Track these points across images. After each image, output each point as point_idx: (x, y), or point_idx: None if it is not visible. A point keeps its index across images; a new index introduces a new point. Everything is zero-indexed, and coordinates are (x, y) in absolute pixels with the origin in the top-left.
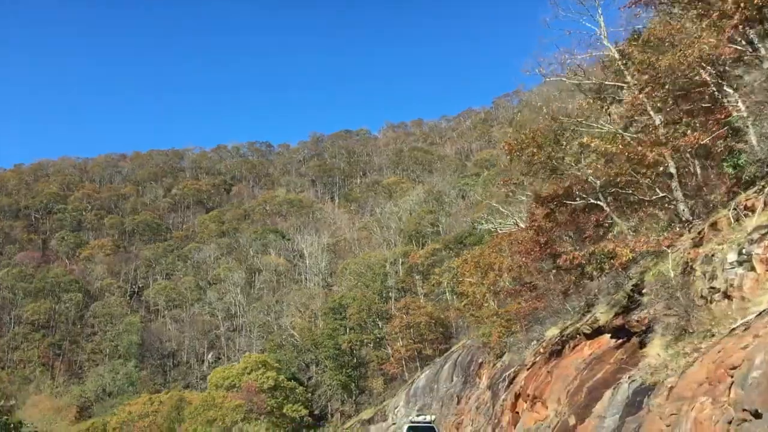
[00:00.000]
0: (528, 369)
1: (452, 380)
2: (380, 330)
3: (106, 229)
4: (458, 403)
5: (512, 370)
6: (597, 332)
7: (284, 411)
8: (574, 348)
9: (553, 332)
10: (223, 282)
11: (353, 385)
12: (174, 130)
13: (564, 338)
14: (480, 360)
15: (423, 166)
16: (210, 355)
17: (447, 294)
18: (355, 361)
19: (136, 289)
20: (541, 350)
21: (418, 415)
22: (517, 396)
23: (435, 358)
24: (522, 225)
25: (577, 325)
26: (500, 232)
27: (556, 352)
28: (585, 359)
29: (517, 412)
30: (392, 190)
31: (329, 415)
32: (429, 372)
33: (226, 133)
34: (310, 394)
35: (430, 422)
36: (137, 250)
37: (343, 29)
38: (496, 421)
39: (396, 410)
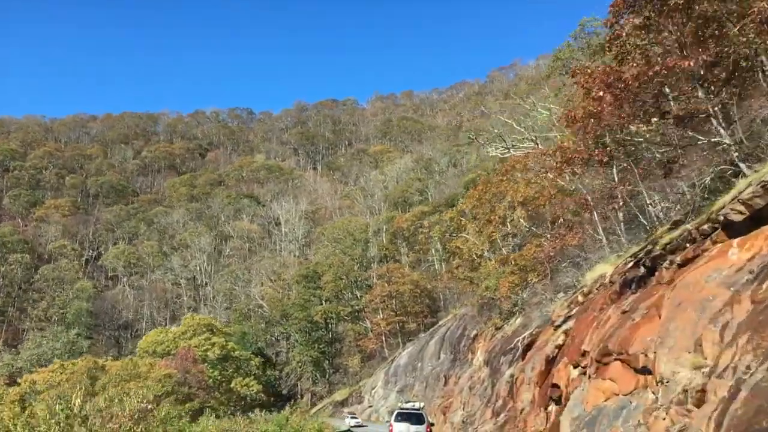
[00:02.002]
0: (558, 326)
1: (439, 357)
2: (359, 301)
3: (66, 189)
4: (445, 383)
5: (528, 333)
6: (753, 220)
7: (232, 386)
8: (689, 261)
9: (602, 270)
10: (190, 248)
11: (327, 362)
12: (153, 95)
13: (655, 256)
14: (474, 332)
15: (412, 135)
16: (172, 327)
17: (435, 263)
18: (329, 335)
19: (94, 254)
20: (580, 298)
21: (406, 402)
22: (550, 361)
23: (419, 333)
24: (540, 146)
25: (688, 226)
26: (514, 154)
27: (636, 281)
28: (741, 267)
29: (556, 386)
30: (378, 159)
31: (299, 396)
32: (412, 348)
33: (207, 101)
34: (278, 372)
35: (419, 409)
36: (99, 212)
37: None
38: (500, 402)
39: (373, 391)
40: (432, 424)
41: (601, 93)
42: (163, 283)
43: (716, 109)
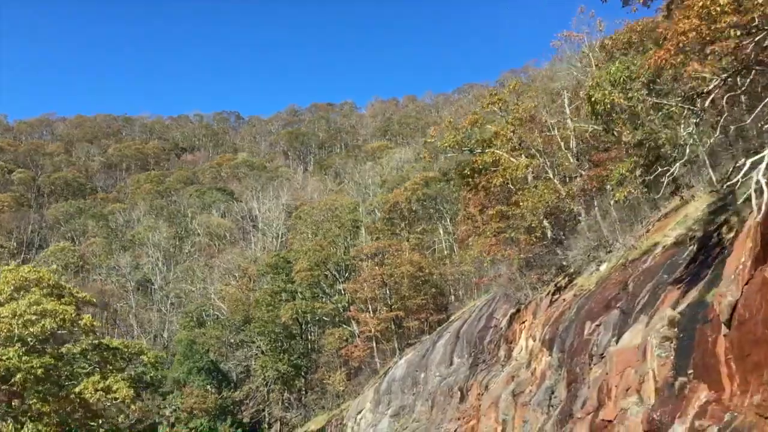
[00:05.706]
0: None
1: (451, 363)
2: (342, 297)
3: (14, 185)
4: (462, 399)
5: None
6: None
7: (78, 390)
8: None
9: None
10: (144, 246)
11: (301, 379)
12: (136, 101)
13: None
14: (510, 311)
15: (415, 130)
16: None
17: (444, 245)
18: (304, 344)
19: (34, 255)
20: None
21: None
22: None
23: (422, 335)
24: None
25: None
26: None
27: None
28: None
29: None
30: (376, 156)
31: (266, 425)
32: (412, 355)
33: (193, 108)
34: (238, 392)
35: None
36: (45, 210)
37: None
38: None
39: (359, 416)
40: None
41: None
42: (105, 285)
43: None
